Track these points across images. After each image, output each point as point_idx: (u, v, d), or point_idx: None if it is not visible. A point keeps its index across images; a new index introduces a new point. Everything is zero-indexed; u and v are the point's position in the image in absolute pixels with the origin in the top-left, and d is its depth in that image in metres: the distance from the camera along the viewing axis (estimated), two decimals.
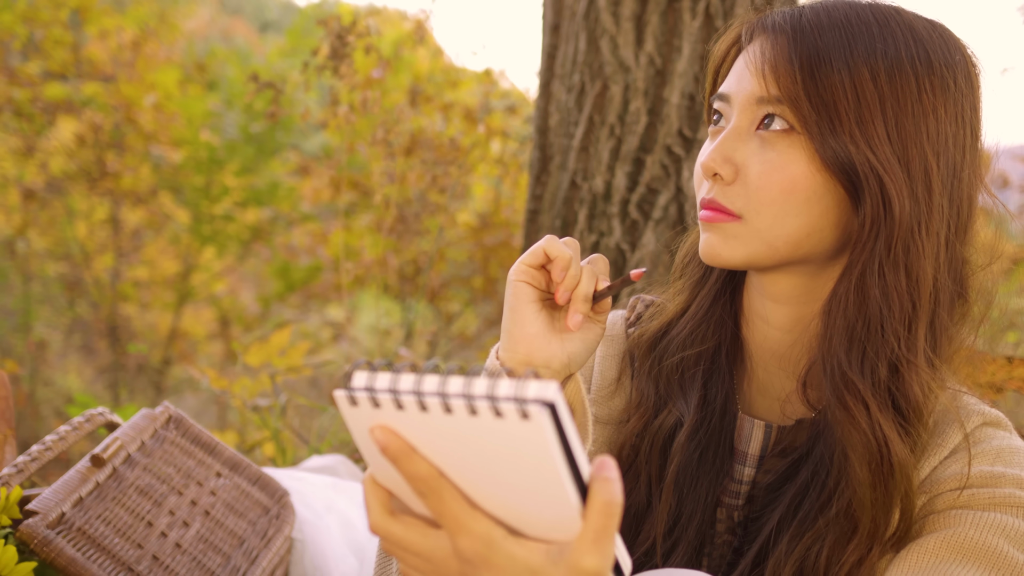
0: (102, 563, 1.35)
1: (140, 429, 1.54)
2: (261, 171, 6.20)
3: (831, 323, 0.95)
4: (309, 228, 6.25)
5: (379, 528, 0.73)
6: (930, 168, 0.92)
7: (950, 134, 0.94)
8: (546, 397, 0.61)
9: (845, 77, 0.91)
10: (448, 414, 0.64)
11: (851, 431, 0.92)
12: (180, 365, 5.97)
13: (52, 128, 5.53)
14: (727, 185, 0.96)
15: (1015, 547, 0.89)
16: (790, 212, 0.94)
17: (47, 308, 5.81)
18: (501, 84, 5.21)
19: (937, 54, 0.94)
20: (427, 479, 0.68)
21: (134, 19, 5.85)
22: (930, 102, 0.92)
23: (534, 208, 2.52)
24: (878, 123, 0.91)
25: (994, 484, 0.92)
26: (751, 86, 0.96)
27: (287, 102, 4.40)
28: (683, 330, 1.09)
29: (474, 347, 5.26)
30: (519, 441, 0.62)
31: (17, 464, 1.40)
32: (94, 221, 5.84)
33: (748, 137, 0.96)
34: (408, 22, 5.86)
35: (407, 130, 4.07)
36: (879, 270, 0.92)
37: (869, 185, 0.91)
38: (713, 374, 1.08)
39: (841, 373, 0.93)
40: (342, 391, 0.68)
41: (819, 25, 0.94)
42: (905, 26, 0.94)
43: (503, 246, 4.88)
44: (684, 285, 1.13)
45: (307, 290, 6.22)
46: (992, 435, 0.97)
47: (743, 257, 0.96)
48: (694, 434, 1.04)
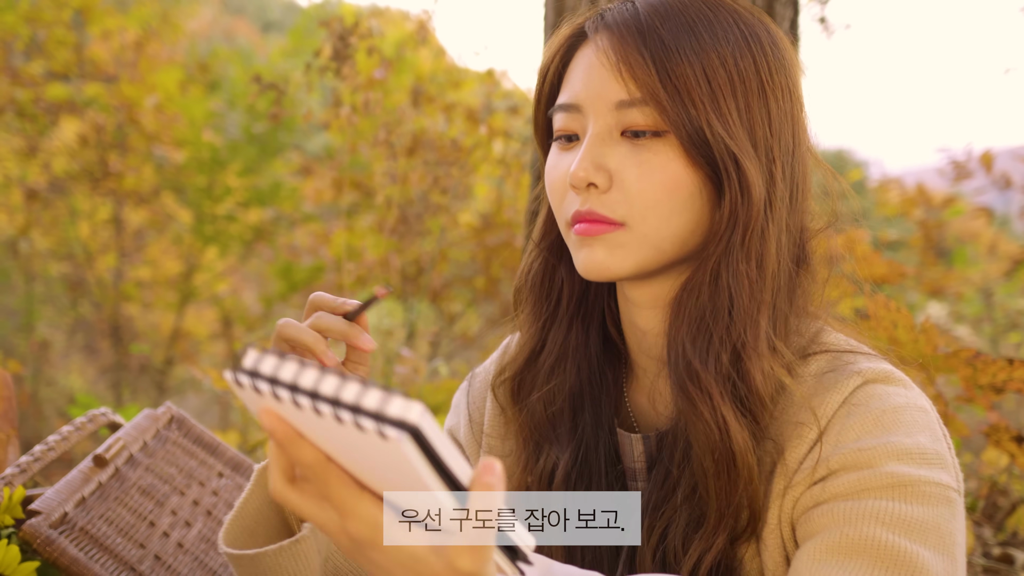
0: (104, 563, 1.36)
1: (142, 429, 1.55)
2: (263, 171, 6.21)
3: (680, 312, 0.93)
4: (311, 228, 6.26)
5: (277, 494, 0.72)
6: (771, 148, 0.93)
7: (785, 110, 0.95)
8: (408, 419, 0.60)
9: (696, 67, 0.90)
10: (318, 417, 0.63)
11: (695, 420, 0.90)
12: (182, 365, 5.98)
13: (55, 128, 5.54)
14: (603, 194, 0.92)
15: (895, 533, 0.83)
16: (674, 211, 0.92)
17: (50, 308, 5.83)
18: (503, 84, 5.21)
19: (763, 33, 0.96)
20: (313, 465, 0.67)
21: (136, 19, 5.85)
22: (768, 81, 0.93)
23: (536, 209, 2.52)
24: (731, 108, 0.91)
25: (865, 464, 0.85)
26: (607, 90, 0.93)
27: (290, 103, 4.41)
28: (542, 367, 1.05)
29: (476, 347, 5.27)
30: (385, 453, 0.61)
31: (20, 464, 1.40)
32: (97, 221, 5.85)
33: (614, 142, 0.93)
34: (410, 22, 5.87)
35: (409, 131, 4.08)
36: (733, 260, 0.91)
37: (729, 174, 0.90)
38: (584, 402, 1.04)
39: (686, 362, 0.91)
40: (230, 373, 0.68)
41: (660, 16, 0.93)
42: (730, 10, 0.95)
43: (505, 246, 4.88)
44: (527, 319, 1.08)
45: (309, 290, 6.21)
46: (874, 394, 0.90)
47: (633, 265, 0.93)
48: (569, 472, 1.01)
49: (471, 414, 1.16)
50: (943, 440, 0.89)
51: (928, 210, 5.12)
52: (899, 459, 0.85)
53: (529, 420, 1.05)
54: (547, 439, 1.04)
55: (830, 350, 0.95)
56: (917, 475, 0.84)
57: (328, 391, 0.62)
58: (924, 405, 0.91)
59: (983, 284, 5.00)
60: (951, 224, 5.31)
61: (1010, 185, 4.46)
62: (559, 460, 1.02)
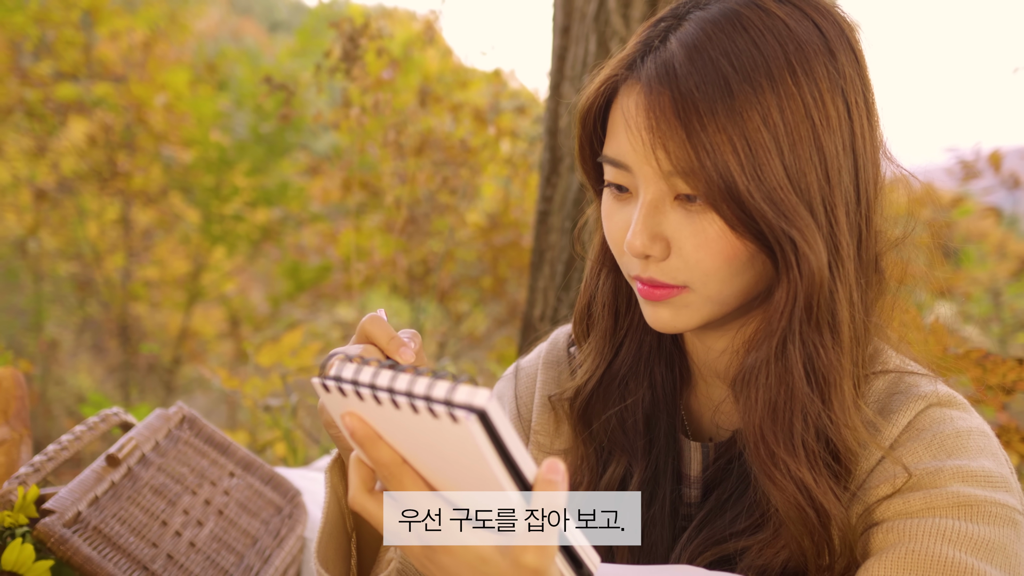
0: (117, 561, 1.36)
1: (154, 429, 1.56)
2: (271, 171, 6.21)
3: (750, 395, 0.89)
4: (319, 228, 6.26)
5: (355, 504, 0.77)
6: (832, 190, 0.86)
7: (845, 132, 0.87)
8: (474, 403, 0.64)
9: (735, 133, 0.83)
10: (397, 409, 0.68)
11: (782, 500, 0.87)
12: (190, 365, 5.99)
13: (63, 128, 5.55)
14: (661, 261, 0.89)
15: (962, 551, 0.82)
16: (735, 273, 0.89)
17: (58, 308, 5.84)
18: (511, 84, 5.21)
19: (817, 51, 0.87)
20: (389, 465, 0.72)
21: (145, 20, 5.86)
22: (822, 114, 0.86)
23: (544, 209, 2.53)
24: (776, 169, 0.84)
25: (931, 484, 0.86)
26: (650, 157, 0.87)
27: (299, 103, 4.41)
28: (616, 380, 1.04)
29: (483, 347, 5.27)
30: (457, 440, 0.66)
31: (34, 463, 1.41)
32: (105, 221, 5.86)
33: (667, 208, 0.88)
34: (418, 22, 5.87)
35: (417, 131, 4.08)
36: (802, 335, 0.87)
37: (782, 248, 0.85)
38: (658, 410, 1.04)
39: (768, 451, 0.87)
40: (317, 379, 0.74)
41: (698, 70, 0.85)
42: (777, 29, 0.87)
43: (513, 246, 4.88)
44: (600, 339, 1.05)
45: (317, 290, 6.23)
46: (939, 418, 0.90)
47: (700, 320, 0.92)
48: (642, 481, 1.01)
49: (519, 409, 1.15)
50: (1006, 464, 0.90)
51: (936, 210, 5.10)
52: (964, 481, 0.85)
53: (602, 431, 1.04)
54: (620, 448, 1.03)
55: (891, 371, 0.95)
56: (983, 496, 0.85)
57: (402, 386, 0.68)
58: (985, 429, 0.91)
59: (991, 284, 4.98)
60: (959, 224, 5.30)
61: (1019, 185, 4.45)
62: (633, 469, 1.02)
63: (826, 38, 0.88)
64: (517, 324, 4.65)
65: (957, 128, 11.22)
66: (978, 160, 4.49)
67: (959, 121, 8.09)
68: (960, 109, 8.18)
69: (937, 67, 10.24)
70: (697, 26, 0.87)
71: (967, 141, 6.49)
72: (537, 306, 2.53)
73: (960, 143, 4.30)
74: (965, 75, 11.45)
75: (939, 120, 8.78)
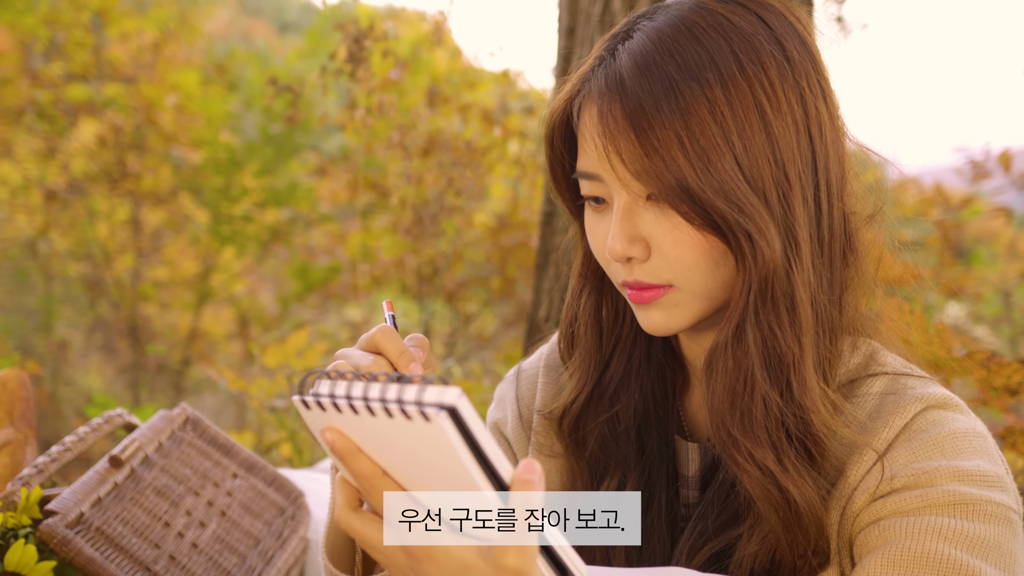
0: (120, 563, 1.37)
1: (158, 430, 1.56)
2: (280, 172, 6.22)
3: (712, 381, 0.91)
4: (327, 229, 6.27)
5: (341, 522, 0.79)
6: (785, 175, 0.87)
7: (798, 117, 0.89)
8: (444, 401, 0.66)
9: (681, 129, 0.85)
10: (373, 417, 0.69)
11: (753, 487, 0.88)
12: (199, 365, 6.01)
13: (74, 129, 5.58)
14: (644, 262, 0.92)
15: (958, 548, 0.83)
16: (716, 265, 0.90)
17: (68, 308, 5.86)
18: (519, 85, 5.20)
19: (763, 41, 0.89)
20: (370, 477, 0.74)
21: (155, 21, 5.88)
22: (771, 98, 0.87)
23: (550, 210, 2.52)
24: (726, 158, 0.85)
25: (926, 483, 0.86)
26: (614, 162, 0.89)
27: (305, 105, 4.42)
28: (607, 391, 1.05)
29: (491, 347, 5.27)
30: (431, 442, 0.67)
31: (37, 464, 1.42)
32: (115, 222, 5.88)
33: (641, 209, 0.91)
34: (426, 23, 5.87)
35: (424, 131, 4.08)
36: (760, 318, 0.88)
37: (735, 236, 0.87)
38: (649, 417, 1.04)
39: (728, 436, 0.89)
40: (297, 397, 0.75)
41: (642, 72, 0.87)
42: (721, 26, 0.89)
43: (520, 247, 4.88)
44: (587, 352, 1.07)
45: (325, 290, 6.24)
46: (935, 420, 0.90)
47: (692, 318, 0.94)
48: (639, 486, 1.02)
49: (520, 410, 1.16)
50: (1002, 465, 0.91)
51: (946, 210, 5.09)
52: (960, 479, 0.86)
53: (595, 444, 1.05)
54: (613, 460, 1.04)
55: (888, 372, 0.95)
56: (979, 494, 0.85)
57: (376, 393, 0.70)
58: (981, 431, 0.92)
59: (1002, 285, 4.96)
60: (969, 224, 5.27)
61: None
62: (627, 477, 1.03)
63: (771, 29, 0.90)
64: (524, 325, 4.66)
65: (967, 128, 11.15)
66: (988, 160, 4.47)
67: (969, 121, 8.04)
68: (970, 109, 8.14)
69: (947, 67, 10.18)
70: (644, 35, 0.91)
71: (977, 141, 6.46)
72: (542, 307, 2.53)
73: (970, 143, 4.28)
74: (975, 75, 11.39)
75: (949, 120, 8.73)
